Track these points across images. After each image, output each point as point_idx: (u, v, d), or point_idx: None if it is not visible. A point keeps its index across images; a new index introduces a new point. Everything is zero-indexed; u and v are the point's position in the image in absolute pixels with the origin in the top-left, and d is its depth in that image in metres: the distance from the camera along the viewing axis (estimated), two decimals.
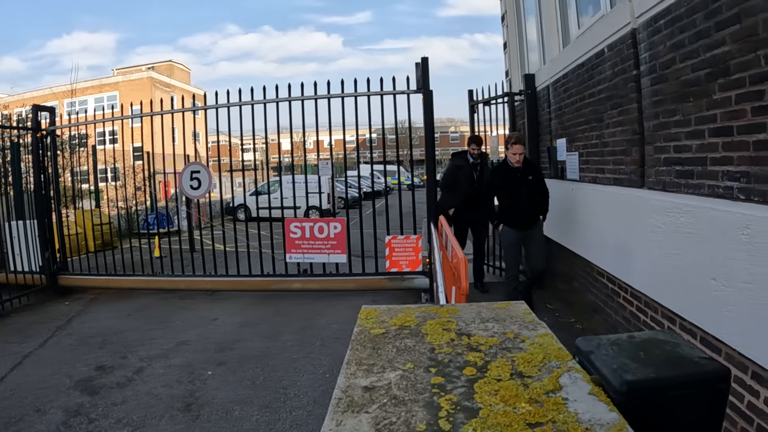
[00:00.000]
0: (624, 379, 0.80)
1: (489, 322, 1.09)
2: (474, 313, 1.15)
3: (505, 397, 0.77)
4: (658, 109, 3.54)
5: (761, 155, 2.49)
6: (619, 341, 0.93)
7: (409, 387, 0.81)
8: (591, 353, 0.89)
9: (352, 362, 0.91)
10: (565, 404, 0.75)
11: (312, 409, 3.94)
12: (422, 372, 0.86)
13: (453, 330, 1.04)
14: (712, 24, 2.80)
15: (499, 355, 0.93)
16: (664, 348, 0.91)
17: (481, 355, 0.92)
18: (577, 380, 0.84)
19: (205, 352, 5.17)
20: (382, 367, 0.88)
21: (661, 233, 3.53)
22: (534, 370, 0.86)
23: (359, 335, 1.02)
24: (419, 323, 1.08)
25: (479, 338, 1.00)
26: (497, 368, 0.86)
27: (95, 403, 4.13)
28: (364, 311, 1.17)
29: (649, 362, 0.85)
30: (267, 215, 7.88)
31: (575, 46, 5.26)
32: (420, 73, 6.65)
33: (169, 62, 40.46)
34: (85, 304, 7.30)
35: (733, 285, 2.74)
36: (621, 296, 4.35)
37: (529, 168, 5.54)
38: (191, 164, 7.55)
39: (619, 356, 0.86)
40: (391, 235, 6.89)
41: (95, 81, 34.32)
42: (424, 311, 1.16)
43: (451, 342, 0.98)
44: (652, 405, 0.79)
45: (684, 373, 0.83)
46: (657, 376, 0.81)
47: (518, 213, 5.47)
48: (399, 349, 0.96)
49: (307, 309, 6.53)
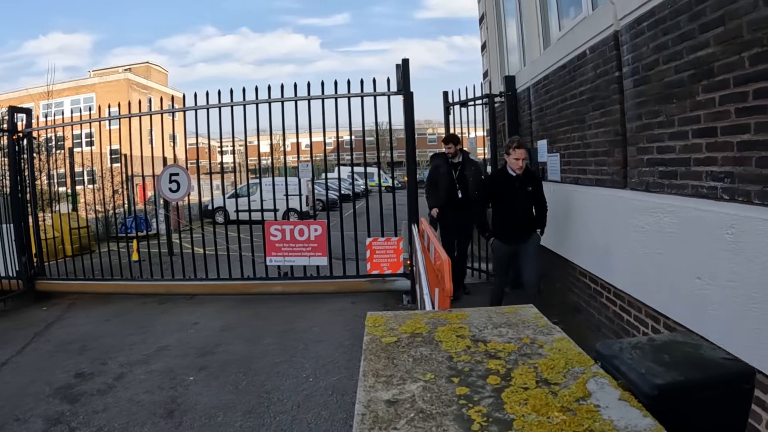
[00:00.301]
0: (654, 383, 0.79)
1: (502, 327, 1.07)
2: (485, 318, 1.12)
3: (536, 406, 0.74)
4: (641, 110, 3.58)
5: (745, 156, 2.53)
6: (640, 344, 0.92)
7: (435, 399, 0.78)
8: (614, 357, 0.88)
9: (369, 374, 0.87)
10: (598, 411, 0.74)
11: (296, 414, 3.91)
12: (444, 382, 0.83)
13: (467, 336, 1.01)
14: (696, 26, 2.84)
15: (519, 361, 0.90)
16: (686, 350, 0.91)
17: (501, 363, 0.90)
18: (604, 386, 0.82)
19: (186, 357, 5.10)
20: (402, 379, 0.85)
21: (644, 233, 3.57)
22: (559, 377, 0.84)
23: (370, 344, 0.98)
24: (431, 330, 1.05)
25: (496, 344, 0.97)
26: (521, 376, 0.83)
27: (76, 411, 4.05)
28: (371, 318, 1.13)
29: (674, 365, 0.84)
30: (245, 218, 7.80)
31: (556, 48, 5.30)
32: (401, 75, 6.65)
33: (146, 64, 39.92)
34: (64, 309, 7.15)
35: (718, 284, 2.77)
36: (604, 296, 4.39)
37: (529, 178, 5.10)
38: (170, 167, 7.41)
39: (644, 360, 0.85)
40: (371, 237, 6.87)
41: (72, 82, 33.64)
42: (432, 317, 1.12)
43: (468, 349, 0.95)
44: (681, 408, 0.79)
45: (710, 375, 0.83)
46: (685, 378, 0.81)
47: (512, 226, 5.10)
48: (415, 358, 0.92)
49: (288, 312, 6.48)
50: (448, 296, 3.46)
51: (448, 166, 6.72)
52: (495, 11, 8.40)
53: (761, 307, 2.46)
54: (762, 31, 2.34)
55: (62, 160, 9.83)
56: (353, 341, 5.34)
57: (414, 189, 6.91)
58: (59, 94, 24.30)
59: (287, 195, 7.46)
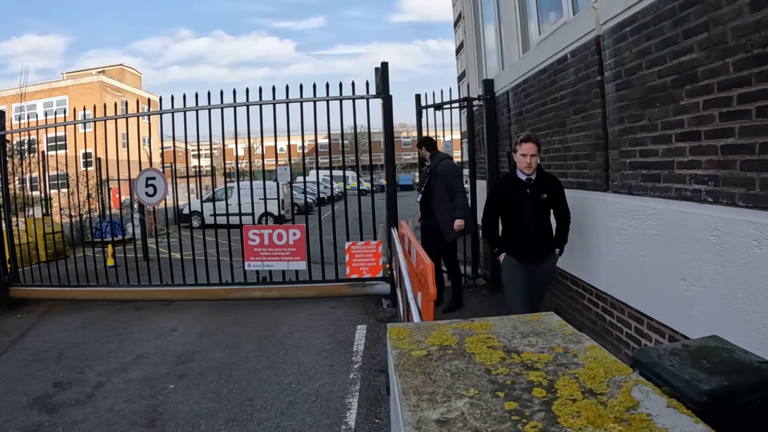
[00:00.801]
0: (702, 389, 0.81)
1: (530, 336, 1.06)
2: (510, 327, 1.11)
3: (590, 418, 0.73)
4: (623, 114, 3.63)
5: (729, 159, 2.58)
6: (677, 351, 0.94)
7: (486, 416, 0.76)
8: (654, 365, 0.90)
9: (409, 392, 0.84)
10: (651, 420, 0.74)
11: (280, 421, 3.86)
12: (490, 397, 0.81)
13: (498, 347, 1.00)
14: (680, 32, 2.89)
15: (559, 372, 0.89)
16: (722, 355, 0.93)
17: (541, 374, 0.89)
18: (648, 394, 0.82)
19: (165, 365, 5.00)
20: (445, 395, 0.83)
21: (627, 236, 3.62)
22: (602, 386, 0.84)
23: (401, 359, 0.95)
24: (459, 341, 1.03)
25: (530, 355, 0.96)
26: (565, 387, 0.82)
27: (54, 421, 3.94)
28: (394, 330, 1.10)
29: (715, 371, 0.86)
30: (220, 222, 7.69)
31: (537, 52, 5.35)
32: (379, 78, 6.63)
33: (120, 66, 39.22)
34: (39, 316, 6.95)
35: (702, 285, 2.82)
36: (586, 298, 4.44)
37: (544, 182, 4.10)
38: (147, 170, 7.25)
39: (685, 366, 0.87)
40: (350, 241, 6.83)
41: (44, 85, 33.00)
42: (456, 327, 1.10)
43: (504, 361, 0.94)
44: (727, 412, 0.80)
45: (751, 379, 0.86)
46: (729, 383, 0.83)
47: (523, 243, 4.09)
48: (453, 372, 0.90)
49: (267, 318, 6.40)
50: (431, 300, 3.45)
51: (425, 171, 6.66)
52: (473, 13, 8.45)
53: (745, 308, 2.51)
54: (746, 38, 2.39)
55: (35, 164, 9.58)
56: (334, 346, 5.31)
57: (393, 192, 6.88)
58: (32, 96, 23.73)
59: (265, 198, 7.38)
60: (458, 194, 6.06)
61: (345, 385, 4.40)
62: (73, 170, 10.54)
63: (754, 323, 2.44)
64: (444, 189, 6.09)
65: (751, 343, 2.44)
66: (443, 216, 6.10)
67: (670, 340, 3.17)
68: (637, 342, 3.58)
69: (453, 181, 6.11)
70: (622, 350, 3.81)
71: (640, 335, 3.55)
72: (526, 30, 5.96)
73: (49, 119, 7.61)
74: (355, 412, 3.94)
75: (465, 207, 6.08)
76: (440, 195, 6.13)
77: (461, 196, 6.06)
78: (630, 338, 3.68)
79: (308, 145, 25.93)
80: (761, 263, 2.38)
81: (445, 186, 6.09)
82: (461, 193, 6.09)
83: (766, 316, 2.36)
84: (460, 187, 6.11)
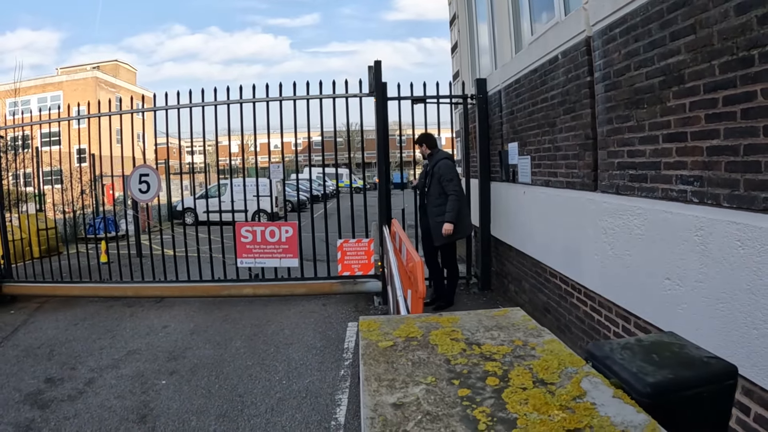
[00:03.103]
0: (646, 381, 0.83)
1: (493, 330, 1.09)
2: (475, 321, 1.14)
3: (536, 405, 0.76)
4: (611, 114, 3.65)
5: (714, 160, 2.60)
6: (629, 345, 0.96)
7: (439, 401, 0.79)
8: (606, 358, 0.92)
9: (371, 378, 0.87)
10: (595, 408, 0.77)
11: (270, 417, 3.90)
12: (446, 384, 0.84)
13: (461, 340, 1.03)
14: (667, 34, 2.91)
15: (515, 363, 0.93)
16: (673, 350, 0.95)
17: (498, 365, 0.92)
18: (597, 385, 0.84)
19: (156, 361, 5.04)
20: (404, 382, 0.86)
21: (614, 235, 3.64)
22: (554, 377, 0.87)
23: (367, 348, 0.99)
24: (425, 334, 1.06)
25: (490, 347, 0.99)
26: (518, 377, 0.85)
27: (46, 417, 3.97)
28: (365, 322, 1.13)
29: (663, 364, 0.89)
30: (213, 218, 7.69)
31: (528, 52, 5.37)
32: (373, 77, 6.65)
33: (114, 62, 39.06)
34: (31, 312, 6.95)
35: (686, 284, 2.85)
36: (574, 296, 4.46)
37: None
38: (140, 167, 7.25)
39: (635, 359, 0.89)
40: (342, 239, 6.85)
41: (39, 80, 32.76)
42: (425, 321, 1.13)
43: (464, 352, 0.97)
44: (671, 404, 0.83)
45: (697, 373, 0.88)
46: (674, 376, 0.85)
47: None
48: (414, 362, 0.93)
49: (258, 315, 6.43)
50: (420, 298, 3.47)
51: (425, 169, 6.54)
52: (467, 13, 8.47)
53: (728, 307, 2.53)
54: (732, 41, 2.41)
55: (29, 160, 9.56)
56: (324, 343, 5.34)
57: (385, 190, 6.89)
58: (26, 92, 23.64)
59: (258, 195, 7.38)
60: (450, 197, 5.97)
61: (335, 382, 4.43)
62: (66, 166, 10.55)
63: (736, 322, 2.47)
64: (439, 191, 6.05)
65: (732, 343, 2.48)
66: (434, 219, 6.09)
67: None
68: None
69: (447, 183, 6.01)
70: None
71: (627, 333, 3.58)
72: (519, 30, 5.98)
73: (43, 115, 7.58)
74: (344, 408, 3.97)
75: (453, 211, 5.94)
76: (435, 196, 6.09)
77: (453, 200, 5.94)
78: (618, 336, 3.71)
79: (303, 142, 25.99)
80: (744, 263, 2.41)
81: (440, 188, 6.04)
82: (453, 196, 5.97)
83: (748, 315, 2.39)
84: (453, 190, 5.99)
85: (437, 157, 6.27)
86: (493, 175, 6.88)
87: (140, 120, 7.36)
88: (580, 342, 4.35)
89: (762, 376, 2.30)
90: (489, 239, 6.97)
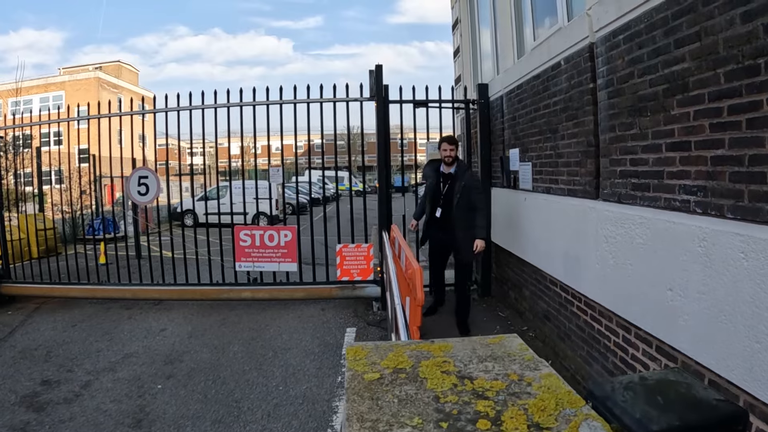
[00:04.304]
0: (650, 429, 0.76)
1: (487, 361, 1.03)
2: (469, 350, 1.08)
3: None
4: (614, 122, 3.61)
5: (719, 170, 2.56)
6: (632, 385, 0.90)
7: None
8: (607, 399, 0.86)
9: (353, 419, 0.81)
10: None
11: (266, 423, 3.88)
12: (432, 428, 0.78)
13: (453, 372, 0.98)
14: (671, 41, 2.87)
15: (509, 402, 0.87)
16: (679, 390, 0.88)
17: (490, 404, 0.86)
18: (597, 430, 0.79)
19: (153, 365, 5.02)
20: (388, 424, 0.80)
21: (615, 244, 3.60)
22: (551, 420, 0.81)
23: (352, 382, 0.93)
24: (414, 364, 1.00)
25: (483, 382, 0.94)
26: (512, 420, 0.80)
27: (41, 420, 3.95)
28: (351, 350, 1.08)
29: (669, 407, 0.82)
30: (213, 221, 7.66)
31: (531, 58, 5.33)
32: (374, 81, 6.61)
33: (117, 63, 39.16)
34: (28, 314, 6.93)
35: (689, 295, 2.80)
36: (574, 305, 4.42)
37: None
38: (139, 169, 7.24)
39: (638, 402, 0.83)
40: (342, 244, 6.81)
41: (41, 80, 32.90)
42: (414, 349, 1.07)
43: (455, 388, 0.92)
44: None
45: (705, 418, 0.82)
46: (681, 423, 0.78)
47: None
48: (400, 399, 0.88)
49: (257, 319, 6.39)
50: (419, 305, 3.43)
51: (438, 176, 5.79)
52: (469, 17, 8.44)
53: (731, 319, 2.49)
54: (738, 48, 2.37)
55: (29, 160, 9.53)
56: (322, 349, 5.30)
57: (385, 195, 6.85)
58: (28, 91, 23.64)
59: (257, 198, 7.35)
60: (482, 211, 5.57)
61: (332, 388, 4.39)
62: (67, 167, 10.51)
63: (738, 335, 2.42)
64: (468, 204, 5.52)
65: (734, 356, 2.43)
66: (463, 232, 5.55)
67: (656, 349, 3.16)
68: (624, 351, 3.56)
69: (478, 195, 5.59)
70: (609, 358, 3.79)
71: (627, 344, 3.53)
72: (522, 35, 5.94)
73: (43, 116, 7.56)
74: (342, 415, 3.93)
75: (485, 227, 5.63)
76: (464, 209, 5.53)
77: (485, 214, 5.57)
78: (618, 347, 3.66)
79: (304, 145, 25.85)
80: (747, 275, 2.36)
81: (469, 201, 5.52)
82: (484, 211, 5.63)
83: (751, 328, 2.34)
84: (485, 203, 5.63)
85: (464, 165, 5.82)
86: (494, 181, 6.84)
87: (141, 121, 7.33)
88: (579, 351, 4.31)
89: (764, 390, 2.25)
90: (489, 245, 6.91)
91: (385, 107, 6.65)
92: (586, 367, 4.16)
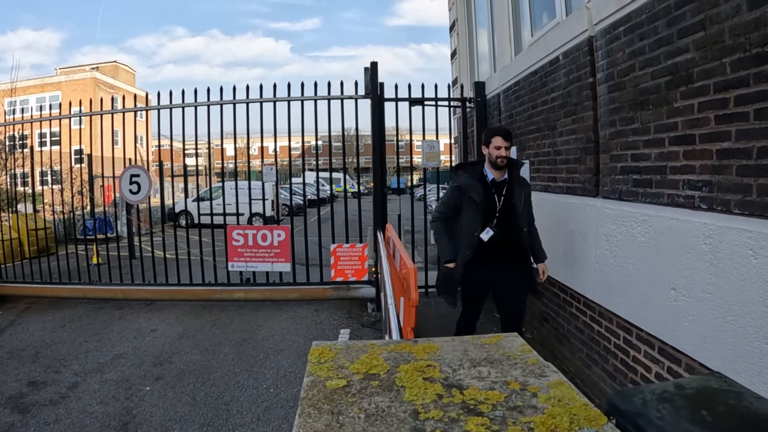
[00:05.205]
0: None
1: (481, 365, 0.84)
2: (460, 352, 0.90)
3: None
4: (614, 116, 3.51)
5: (725, 164, 2.46)
6: (667, 395, 0.70)
7: None
8: (638, 416, 0.66)
9: None
10: None
11: (255, 427, 3.78)
12: None
13: (438, 380, 0.79)
14: (674, 31, 2.77)
15: (509, 419, 0.67)
16: (728, 402, 0.69)
17: (485, 422, 0.66)
18: None
19: (142, 366, 4.92)
20: None
21: (616, 242, 3.50)
22: None
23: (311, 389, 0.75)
24: (390, 369, 0.81)
25: (475, 392, 0.75)
26: None
27: (26, 422, 3.87)
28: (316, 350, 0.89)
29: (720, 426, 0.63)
30: (209, 221, 7.57)
31: (528, 54, 5.24)
32: (369, 78, 6.52)
33: (114, 63, 39.13)
34: (18, 314, 6.83)
35: (694, 295, 2.70)
36: (573, 306, 4.31)
37: None
38: (130, 167, 7.17)
39: (679, 420, 0.64)
40: (336, 244, 6.71)
41: (37, 80, 33.00)
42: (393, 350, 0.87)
43: (440, 400, 0.73)
44: None
45: None
46: None
47: None
48: (368, 414, 0.70)
49: (249, 320, 6.29)
50: (413, 305, 3.32)
51: (485, 186, 3.94)
52: (466, 19, 8.36)
53: (738, 320, 2.38)
54: (745, 36, 2.27)
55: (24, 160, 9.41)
56: None
57: (380, 194, 6.74)
58: (24, 91, 23.52)
59: (251, 199, 7.23)
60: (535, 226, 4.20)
61: None
62: (63, 166, 10.41)
63: (747, 336, 2.31)
64: (529, 218, 4.12)
65: (742, 357, 2.33)
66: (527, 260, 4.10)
67: (659, 351, 3.05)
68: (625, 353, 3.45)
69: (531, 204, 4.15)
70: (610, 361, 3.68)
71: (628, 346, 3.42)
72: (519, 32, 5.85)
73: (37, 114, 7.47)
74: None
75: None
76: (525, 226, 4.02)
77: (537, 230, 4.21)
78: (618, 348, 3.56)
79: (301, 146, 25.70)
80: (757, 274, 2.25)
81: (530, 214, 4.14)
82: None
83: (760, 329, 2.24)
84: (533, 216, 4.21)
85: (517, 164, 4.10)
86: None
87: (133, 120, 7.25)
88: (579, 353, 4.20)
89: None
90: None
91: (381, 105, 6.56)
92: (586, 370, 4.05)
